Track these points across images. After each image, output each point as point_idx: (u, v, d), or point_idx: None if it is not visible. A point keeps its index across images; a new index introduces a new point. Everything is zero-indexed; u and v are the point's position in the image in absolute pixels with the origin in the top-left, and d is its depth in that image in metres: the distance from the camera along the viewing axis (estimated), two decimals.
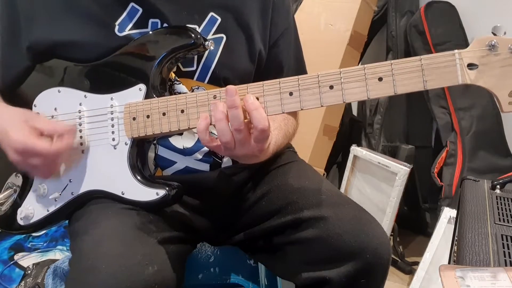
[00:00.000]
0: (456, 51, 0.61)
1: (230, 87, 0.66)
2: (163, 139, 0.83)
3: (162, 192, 0.73)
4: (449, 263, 0.99)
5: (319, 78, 0.65)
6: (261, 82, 0.68)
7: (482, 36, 0.60)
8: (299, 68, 0.98)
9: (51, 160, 0.74)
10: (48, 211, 0.80)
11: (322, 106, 0.65)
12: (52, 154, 0.73)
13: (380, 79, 0.63)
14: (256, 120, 0.64)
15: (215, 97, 0.69)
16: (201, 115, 0.69)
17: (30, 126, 0.74)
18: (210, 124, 0.68)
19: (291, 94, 0.66)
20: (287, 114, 0.90)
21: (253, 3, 0.88)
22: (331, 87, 0.65)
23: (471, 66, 0.61)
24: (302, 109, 0.67)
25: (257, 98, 0.67)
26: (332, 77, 0.65)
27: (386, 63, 0.63)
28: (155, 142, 0.83)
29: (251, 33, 0.87)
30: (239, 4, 0.86)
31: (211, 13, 0.84)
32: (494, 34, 0.61)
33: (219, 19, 0.84)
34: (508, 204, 0.90)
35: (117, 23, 0.80)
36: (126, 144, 0.76)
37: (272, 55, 0.92)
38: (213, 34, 0.84)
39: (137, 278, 0.62)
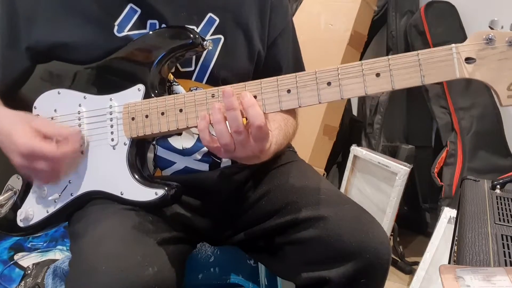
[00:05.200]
0: (453, 45, 0.61)
1: (226, 88, 0.65)
2: (162, 139, 0.83)
3: (161, 192, 0.73)
4: (449, 263, 0.99)
5: (317, 74, 0.65)
6: (258, 80, 0.67)
7: (479, 30, 0.60)
8: (298, 68, 0.97)
9: (56, 163, 0.73)
10: (47, 212, 0.80)
11: (320, 103, 0.65)
12: (58, 157, 0.72)
13: (378, 74, 0.63)
14: (252, 117, 0.63)
15: (213, 95, 0.69)
16: (200, 114, 0.68)
17: (33, 129, 0.73)
18: (210, 123, 0.67)
19: (289, 91, 0.66)
20: (286, 115, 0.89)
21: (251, 4, 0.87)
22: (329, 83, 0.64)
23: (468, 60, 0.61)
24: (300, 106, 0.66)
25: (255, 96, 0.66)
26: (330, 74, 0.64)
27: (384, 59, 0.62)
28: (154, 142, 0.83)
29: (250, 34, 0.87)
30: (237, 5, 0.86)
31: (210, 14, 0.84)
32: (491, 28, 0.61)
33: (218, 20, 0.84)
34: (508, 204, 0.90)
35: (116, 23, 0.80)
36: (125, 144, 0.76)
37: (270, 54, 0.92)
38: (211, 35, 0.84)
39: (137, 279, 0.62)
